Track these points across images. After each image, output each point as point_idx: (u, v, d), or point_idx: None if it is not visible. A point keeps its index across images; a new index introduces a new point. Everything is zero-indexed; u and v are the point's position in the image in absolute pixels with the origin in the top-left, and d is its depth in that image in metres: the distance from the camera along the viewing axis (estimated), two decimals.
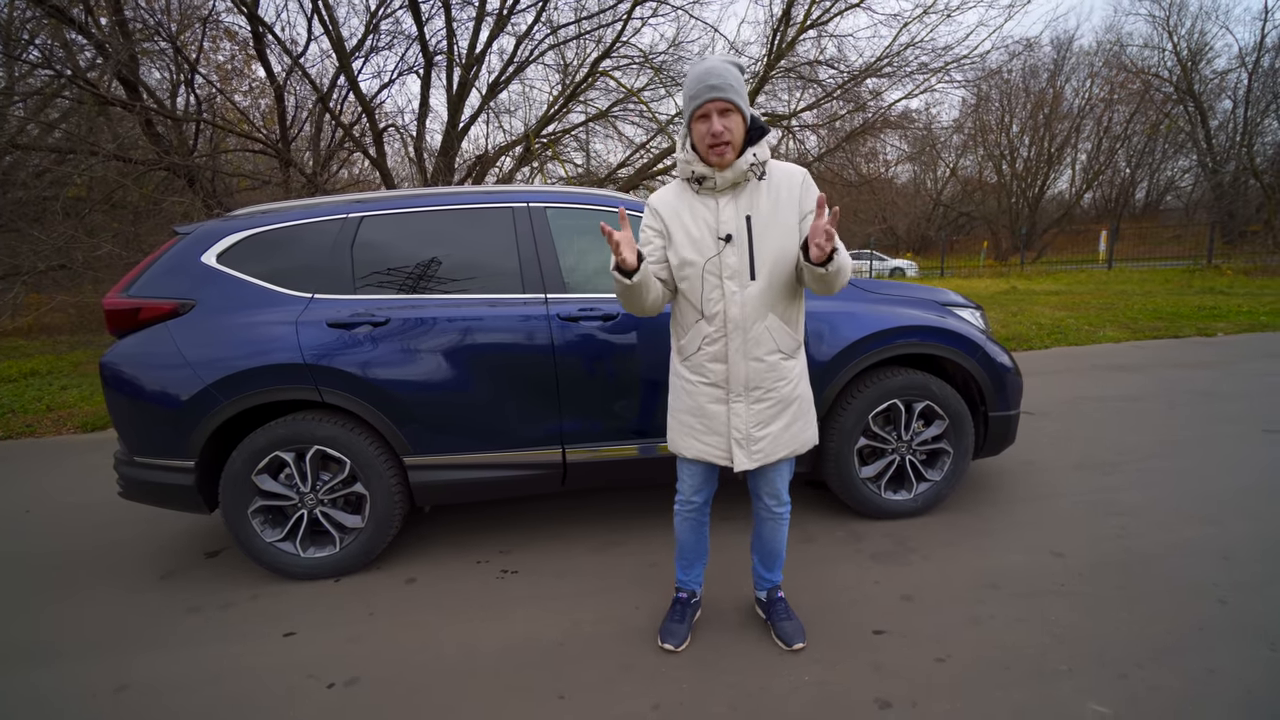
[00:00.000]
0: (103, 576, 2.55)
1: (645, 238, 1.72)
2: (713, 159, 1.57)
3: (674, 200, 1.69)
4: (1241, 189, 19.18)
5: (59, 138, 7.63)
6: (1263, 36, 18.41)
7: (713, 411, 1.72)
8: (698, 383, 1.73)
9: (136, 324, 2.33)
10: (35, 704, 1.80)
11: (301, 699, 1.76)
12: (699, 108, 1.54)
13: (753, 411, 1.70)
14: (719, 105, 1.53)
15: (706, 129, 1.54)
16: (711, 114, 1.53)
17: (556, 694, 1.73)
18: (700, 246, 1.64)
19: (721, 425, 1.72)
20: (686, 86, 1.57)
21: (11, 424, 5.21)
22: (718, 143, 1.55)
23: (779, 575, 1.98)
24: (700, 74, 1.53)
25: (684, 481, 1.87)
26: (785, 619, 1.93)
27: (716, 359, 1.68)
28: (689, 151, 1.62)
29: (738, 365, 1.67)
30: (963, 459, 2.67)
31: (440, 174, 9.36)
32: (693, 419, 1.75)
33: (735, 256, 1.62)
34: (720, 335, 1.66)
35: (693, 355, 1.72)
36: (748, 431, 1.70)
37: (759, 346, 1.67)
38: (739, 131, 1.56)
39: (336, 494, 2.39)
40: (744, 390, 1.69)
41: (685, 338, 1.73)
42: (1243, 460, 3.16)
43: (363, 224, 2.45)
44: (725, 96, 1.52)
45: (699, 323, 1.68)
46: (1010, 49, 13.28)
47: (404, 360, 2.32)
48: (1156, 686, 1.65)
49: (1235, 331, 6.77)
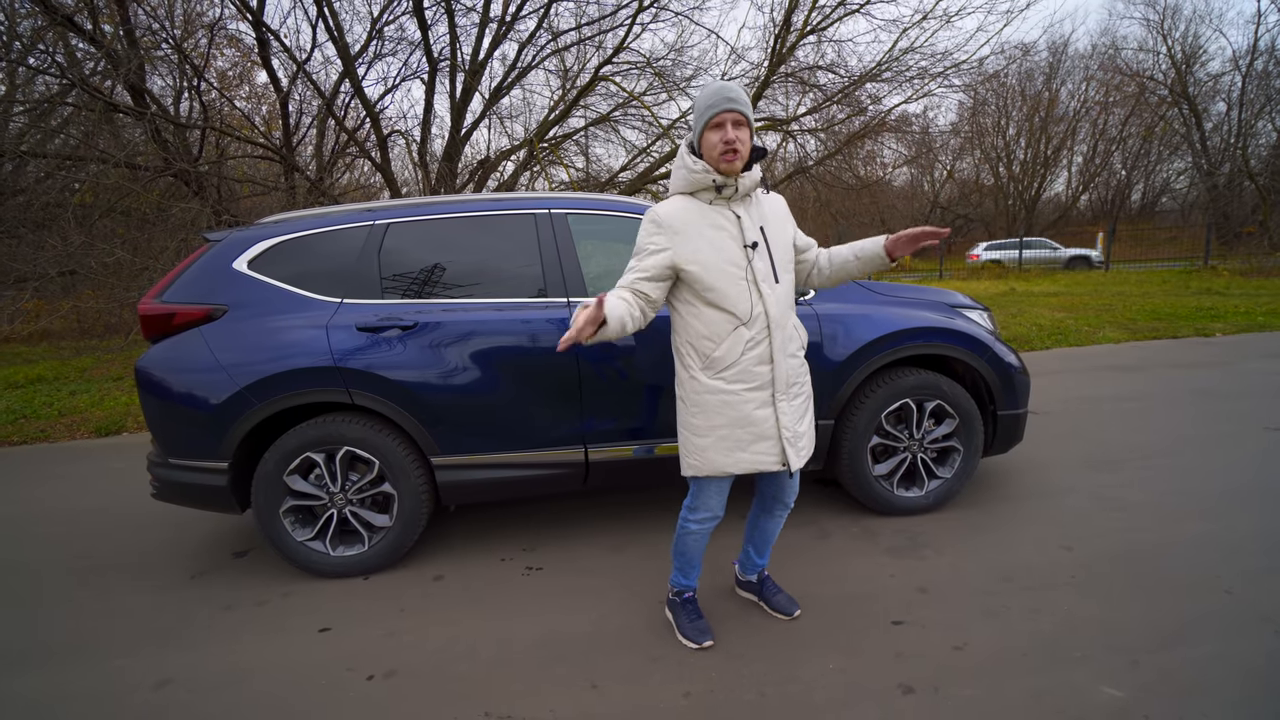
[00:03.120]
0: (134, 577, 2.60)
1: (648, 252, 1.70)
2: (723, 165, 1.64)
3: (686, 214, 1.70)
4: (1236, 191, 19.37)
5: (63, 144, 7.67)
6: (1256, 40, 18.64)
7: (761, 416, 1.74)
8: (741, 390, 1.72)
9: (171, 329, 2.39)
10: (80, 699, 1.86)
11: (344, 690, 1.82)
12: (715, 116, 1.61)
13: (793, 408, 1.79)
14: (734, 116, 1.62)
15: (720, 136, 1.62)
16: (726, 123, 1.62)
17: (590, 684, 1.80)
18: (732, 257, 1.68)
19: (771, 429, 1.75)
20: (703, 99, 1.64)
21: (25, 429, 5.25)
22: (732, 149, 1.62)
23: (767, 560, 2.15)
24: (718, 89, 1.63)
25: (711, 499, 1.85)
26: (777, 592, 2.12)
27: (762, 360, 1.72)
28: (700, 162, 1.68)
29: (781, 364, 1.74)
30: (973, 457, 2.74)
31: (444, 179, 9.44)
32: (739, 430, 1.74)
33: (762, 263, 1.71)
34: (764, 337, 1.71)
35: (735, 362, 1.71)
36: (794, 429, 1.79)
37: (791, 343, 1.79)
38: (747, 146, 1.65)
39: (365, 494, 2.45)
40: (785, 388, 1.76)
41: (721, 348, 1.71)
42: (1245, 457, 3.24)
43: (389, 230, 2.51)
44: (741, 110, 1.62)
45: (738, 329, 1.70)
46: (1008, 54, 13.42)
47: (431, 363, 2.39)
48: (1167, 672, 1.72)
49: (1233, 332, 6.87)
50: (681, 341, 1.80)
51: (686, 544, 1.94)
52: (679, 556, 1.98)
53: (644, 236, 1.72)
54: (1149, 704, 1.61)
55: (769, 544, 2.08)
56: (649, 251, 1.70)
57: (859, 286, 2.79)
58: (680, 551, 1.97)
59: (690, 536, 1.92)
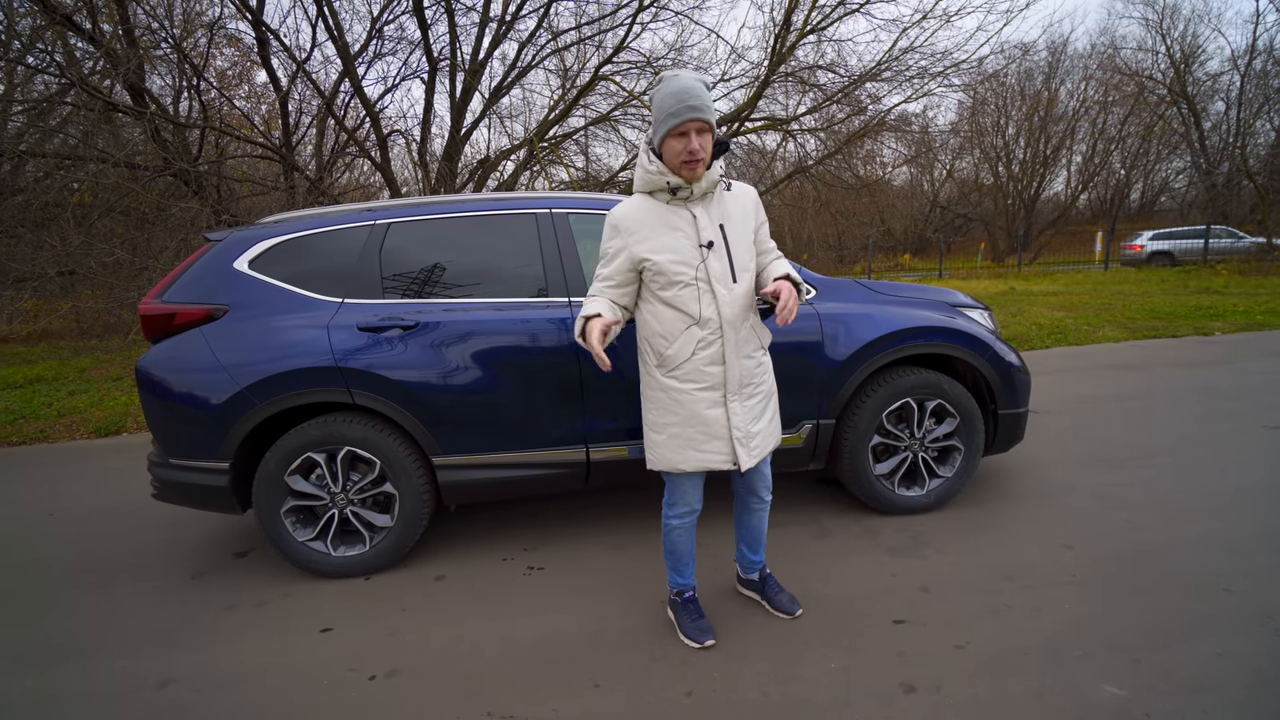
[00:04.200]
0: (135, 577, 2.60)
1: (609, 256, 1.73)
2: (685, 173, 1.64)
3: (642, 214, 1.70)
4: (1235, 190, 19.39)
5: (62, 143, 7.66)
6: (1254, 39, 18.62)
7: (711, 416, 1.75)
8: (691, 390, 1.74)
9: (171, 329, 2.39)
10: (81, 700, 1.86)
11: (346, 690, 1.82)
12: (678, 126, 1.58)
13: (746, 408, 1.79)
14: (697, 125, 1.58)
15: (684, 146, 1.60)
16: (690, 132, 1.58)
17: (592, 683, 1.80)
18: (685, 256, 1.68)
19: (722, 428, 1.75)
20: (662, 102, 1.60)
21: (25, 430, 5.24)
22: (694, 160, 1.61)
23: (763, 556, 2.14)
24: (678, 92, 1.57)
25: (685, 494, 1.88)
26: (779, 591, 2.11)
27: (714, 361, 1.72)
28: (657, 163, 1.66)
29: (734, 364, 1.74)
30: (973, 456, 2.74)
31: (444, 178, 9.44)
32: (690, 429, 1.76)
33: (718, 262, 1.70)
34: (716, 337, 1.71)
35: (685, 362, 1.72)
36: (746, 429, 1.78)
37: (747, 344, 1.78)
38: (709, 150, 1.64)
39: (366, 494, 2.45)
40: (738, 388, 1.76)
41: (673, 347, 1.73)
42: (1245, 456, 3.24)
43: (390, 230, 2.51)
44: (704, 117, 1.58)
45: (690, 329, 1.70)
46: (1008, 53, 13.43)
47: (433, 363, 2.39)
48: (1168, 670, 1.72)
49: (1232, 331, 6.87)
50: (641, 339, 1.84)
51: (672, 540, 1.96)
52: (669, 555, 2.00)
53: (604, 240, 1.75)
54: (1150, 702, 1.61)
55: (760, 540, 2.08)
56: (609, 256, 1.74)
57: (860, 286, 2.79)
58: (669, 550, 1.98)
59: (674, 532, 1.95)
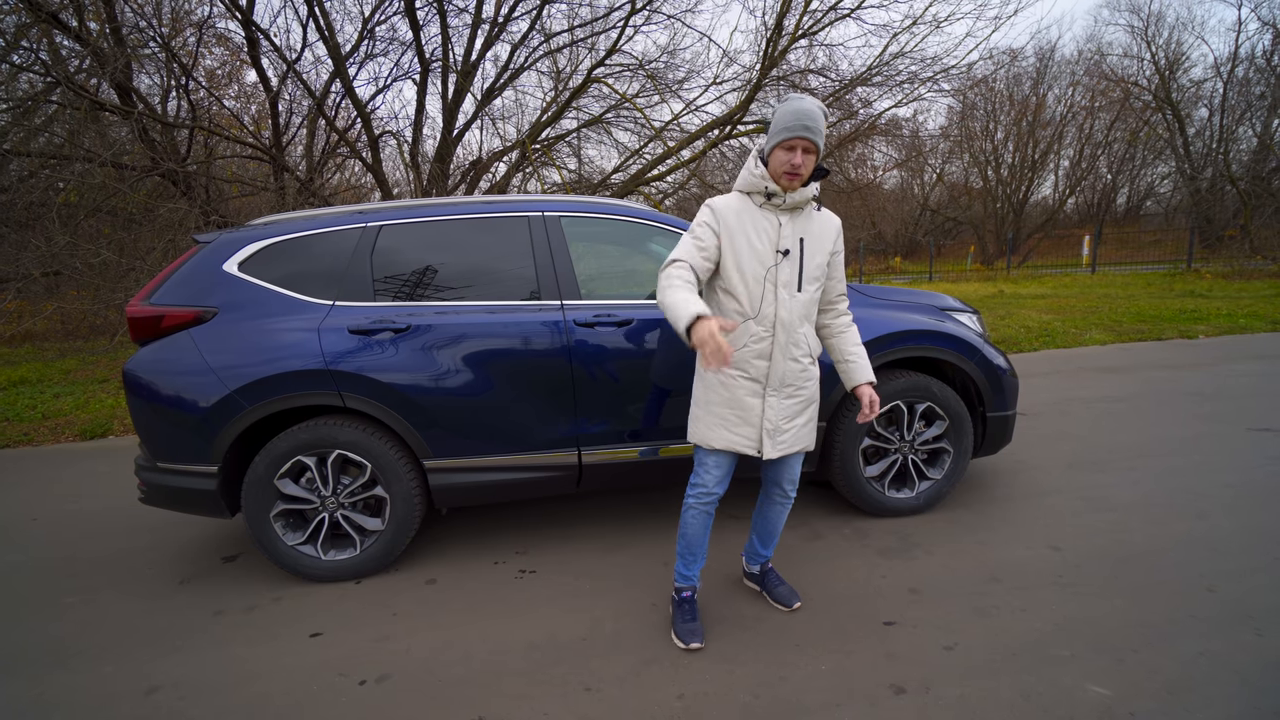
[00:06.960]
0: (121, 582, 2.57)
1: (700, 233, 1.83)
2: (783, 182, 1.76)
3: (738, 209, 1.84)
4: (1218, 195, 19.67)
5: (48, 142, 7.56)
6: (1236, 47, 18.94)
7: (749, 404, 1.87)
8: (737, 377, 1.86)
9: (159, 331, 2.37)
10: (67, 707, 1.83)
11: (335, 696, 1.81)
12: (789, 139, 1.70)
13: (784, 406, 1.88)
14: (805, 143, 1.71)
15: (789, 159, 1.72)
16: (797, 148, 1.71)
17: (584, 687, 1.80)
18: (761, 256, 1.81)
19: (755, 417, 1.87)
20: (781, 117, 1.72)
21: (8, 433, 5.16)
22: (794, 173, 1.74)
23: (772, 552, 2.22)
24: (799, 110, 1.70)
25: (709, 473, 1.95)
26: (779, 584, 2.20)
27: (761, 356, 1.85)
28: (761, 168, 1.79)
29: (779, 363, 1.85)
30: (962, 458, 2.77)
31: (435, 180, 9.40)
32: (728, 411, 1.87)
33: (788, 269, 1.81)
34: (768, 335, 1.83)
35: (737, 352, 1.85)
36: (777, 424, 1.88)
37: (796, 348, 1.86)
38: (810, 168, 1.76)
39: (357, 497, 2.44)
40: (779, 386, 1.87)
41: (729, 336, 1.83)
42: (1229, 458, 3.29)
43: (381, 232, 2.50)
44: (814, 139, 1.71)
45: (747, 323, 1.83)
46: (996, 59, 13.57)
47: (425, 366, 2.38)
48: (1152, 669, 1.75)
49: (1216, 334, 6.98)
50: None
51: (686, 521, 2.00)
52: (681, 539, 2.03)
53: (699, 219, 1.86)
54: (1135, 702, 1.63)
55: (773, 536, 2.16)
56: (700, 231, 1.83)
57: (851, 290, 2.81)
58: (682, 533, 2.02)
59: (689, 512, 1.99)
